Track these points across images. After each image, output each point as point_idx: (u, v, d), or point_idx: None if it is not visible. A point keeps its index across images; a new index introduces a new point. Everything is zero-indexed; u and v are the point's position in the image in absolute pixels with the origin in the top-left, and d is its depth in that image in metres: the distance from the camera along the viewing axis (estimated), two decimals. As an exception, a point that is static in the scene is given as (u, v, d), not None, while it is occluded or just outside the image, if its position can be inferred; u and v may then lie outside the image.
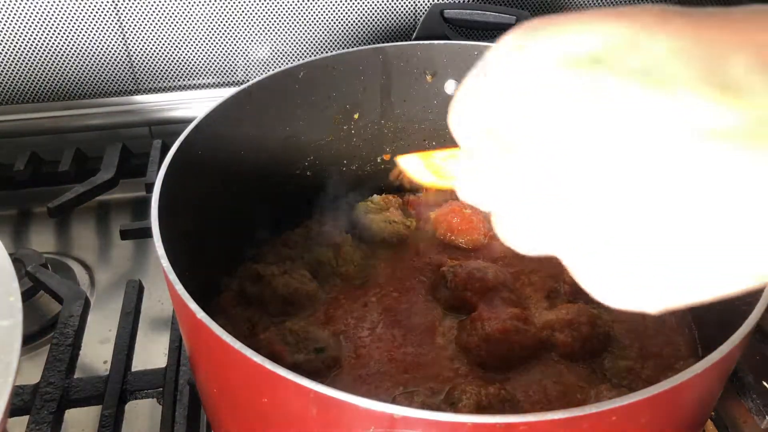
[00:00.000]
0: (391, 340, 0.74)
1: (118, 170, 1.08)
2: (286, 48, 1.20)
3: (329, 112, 0.90)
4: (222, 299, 0.78)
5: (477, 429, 0.44)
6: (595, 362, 0.73)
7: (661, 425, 0.51)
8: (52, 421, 0.71)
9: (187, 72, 1.19)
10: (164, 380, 0.76)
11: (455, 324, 0.77)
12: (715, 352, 0.50)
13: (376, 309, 0.79)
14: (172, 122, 1.18)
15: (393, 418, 0.44)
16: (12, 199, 1.12)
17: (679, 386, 0.47)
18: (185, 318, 0.56)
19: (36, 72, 1.14)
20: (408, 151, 0.97)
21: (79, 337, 0.81)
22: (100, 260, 1.03)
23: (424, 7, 1.19)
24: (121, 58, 1.15)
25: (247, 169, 0.84)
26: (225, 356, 0.52)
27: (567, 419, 0.44)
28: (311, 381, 0.46)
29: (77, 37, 1.12)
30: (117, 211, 1.12)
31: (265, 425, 0.55)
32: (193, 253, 0.71)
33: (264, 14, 1.15)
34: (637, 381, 0.71)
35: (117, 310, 0.85)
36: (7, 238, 1.06)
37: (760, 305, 0.55)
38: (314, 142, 0.91)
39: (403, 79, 0.92)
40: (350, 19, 1.18)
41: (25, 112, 1.16)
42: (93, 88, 1.17)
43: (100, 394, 0.75)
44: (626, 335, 0.76)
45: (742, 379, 0.75)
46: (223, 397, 0.60)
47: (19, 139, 1.16)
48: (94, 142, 1.15)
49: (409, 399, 0.66)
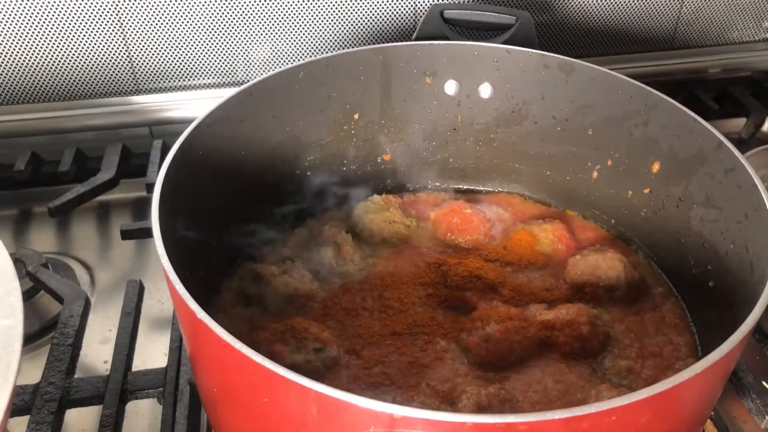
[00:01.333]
0: (390, 340, 0.74)
1: (118, 170, 1.08)
2: (287, 48, 1.20)
3: (329, 112, 0.90)
4: (222, 299, 0.78)
5: (477, 429, 0.44)
6: (594, 362, 0.73)
7: (661, 425, 0.51)
8: (52, 421, 0.71)
9: (187, 72, 1.19)
10: (165, 380, 0.76)
11: (455, 324, 0.77)
12: (715, 352, 0.50)
13: (376, 309, 0.79)
14: (173, 122, 1.18)
15: (393, 418, 0.45)
16: (12, 199, 1.12)
17: (679, 386, 0.47)
18: (186, 318, 0.57)
19: (37, 72, 1.14)
20: (408, 151, 0.97)
21: (79, 337, 0.81)
22: (100, 260, 1.03)
23: (424, 7, 1.19)
24: (121, 59, 1.15)
25: (247, 169, 0.84)
26: (225, 356, 0.52)
27: (567, 419, 0.44)
28: (311, 381, 0.46)
29: (78, 38, 1.12)
30: (117, 211, 1.12)
31: (265, 425, 0.55)
32: (194, 253, 0.72)
33: (264, 14, 1.15)
34: (637, 381, 0.71)
35: (117, 310, 0.85)
36: (7, 238, 1.06)
37: (760, 305, 0.55)
38: (314, 142, 0.91)
39: (403, 79, 0.92)
40: (350, 19, 1.18)
41: (25, 112, 1.16)
42: (93, 89, 1.17)
43: (101, 394, 0.75)
44: (626, 335, 0.76)
45: (742, 379, 0.75)
46: (223, 396, 0.60)
47: (19, 139, 1.16)
48: (94, 142, 1.15)
49: (409, 399, 0.66)
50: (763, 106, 1.25)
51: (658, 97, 0.81)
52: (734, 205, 0.71)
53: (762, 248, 0.65)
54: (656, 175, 0.84)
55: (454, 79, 0.92)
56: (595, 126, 0.89)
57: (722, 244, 0.73)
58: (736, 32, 1.35)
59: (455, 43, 0.91)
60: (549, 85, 0.90)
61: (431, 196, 0.98)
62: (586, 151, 0.91)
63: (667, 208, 0.83)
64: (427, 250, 0.88)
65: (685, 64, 1.33)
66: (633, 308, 0.80)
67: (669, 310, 0.80)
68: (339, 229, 0.87)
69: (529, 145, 0.95)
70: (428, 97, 0.94)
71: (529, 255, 0.86)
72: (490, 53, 0.90)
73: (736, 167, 0.71)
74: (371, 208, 0.91)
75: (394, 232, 0.88)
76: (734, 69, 1.35)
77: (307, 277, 0.80)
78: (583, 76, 0.87)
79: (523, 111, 0.93)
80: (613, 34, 1.29)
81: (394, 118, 0.94)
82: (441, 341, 0.75)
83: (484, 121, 0.95)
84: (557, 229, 0.88)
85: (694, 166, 0.78)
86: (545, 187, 0.97)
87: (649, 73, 1.31)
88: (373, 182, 0.97)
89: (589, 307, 0.76)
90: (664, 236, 0.84)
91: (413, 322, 0.77)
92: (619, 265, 0.80)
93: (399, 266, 0.85)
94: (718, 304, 0.72)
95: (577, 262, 0.82)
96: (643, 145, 0.84)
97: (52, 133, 1.17)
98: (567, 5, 1.25)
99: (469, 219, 0.89)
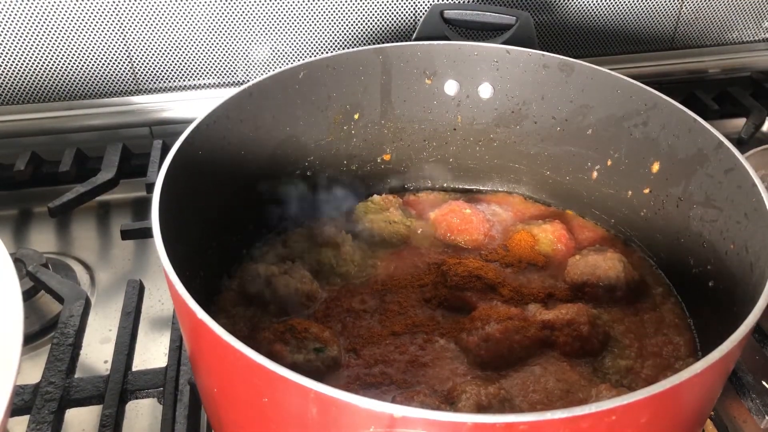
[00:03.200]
0: (390, 340, 0.75)
1: (118, 170, 1.08)
2: (287, 48, 1.20)
3: (329, 112, 0.90)
4: (222, 299, 0.78)
5: (477, 429, 0.44)
6: (594, 362, 0.73)
7: (661, 425, 0.51)
8: (52, 420, 0.71)
9: (187, 72, 1.19)
10: (165, 380, 0.76)
11: (455, 324, 0.77)
12: (715, 352, 0.50)
13: (376, 309, 0.79)
14: (173, 122, 1.18)
15: (393, 417, 0.45)
16: (12, 199, 1.12)
17: (679, 386, 0.47)
18: (186, 318, 0.57)
19: (37, 72, 1.14)
20: (408, 151, 0.97)
21: (79, 337, 0.81)
22: (100, 260, 1.03)
23: (424, 7, 1.19)
24: (121, 59, 1.15)
25: (247, 170, 0.84)
26: (225, 356, 0.52)
27: (567, 419, 0.45)
28: (311, 381, 0.46)
29: (78, 38, 1.12)
30: (117, 211, 1.12)
31: (265, 425, 0.55)
32: (194, 253, 0.72)
33: (264, 15, 1.15)
34: (637, 380, 0.71)
35: (117, 310, 0.85)
36: (7, 238, 1.06)
37: (760, 305, 0.55)
38: (314, 142, 0.91)
39: (403, 80, 0.92)
40: (351, 19, 1.18)
41: (25, 112, 1.16)
42: (94, 89, 1.17)
43: (101, 394, 0.75)
44: (626, 335, 0.76)
45: (742, 379, 0.75)
46: (224, 396, 0.60)
47: (19, 139, 1.16)
48: (94, 143, 1.15)
49: (409, 399, 0.66)
50: (762, 106, 1.25)
51: (658, 97, 0.81)
52: (734, 205, 0.71)
53: (762, 248, 0.65)
54: (656, 175, 0.84)
55: (454, 79, 0.92)
56: (594, 126, 0.89)
57: (722, 244, 0.73)
58: (736, 32, 1.35)
59: (455, 43, 0.91)
60: (549, 85, 0.90)
61: (431, 196, 0.98)
62: (585, 151, 0.91)
63: (666, 208, 0.83)
64: (426, 250, 0.88)
65: (685, 64, 1.33)
66: (633, 308, 0.80)
67: (669, 310, 0.80)
68: (339, 229, 0.87)
69: (529, 145, 0.95)
70: (428, 97, 0.94)
71: (529, 255, 0.86)
72: (490, 53, 0.90)
73: (736, 167, 0.71)
74: (371, 208, 0.91)
75: (394, 232, 0.89)
76: (734, 69, 1.36)
77: (307, 277, 0.80)
78: (583, 77, 0.87)
79: (523, 111, 0.93)
80: (613, 34, 1.29)
81: (394, 118, 0.94)
82: (441, 341, 0.75)
83: (484, 121, 0.95)
84: (557, 229, 0.88)
85: (694, 166, 0.78)
86: (545, 187, 0.97)
87: (649, 73, 1.31)
88: (373, 182, 0.97)
89: (588, 307, 0.76)
90: (664, 236, 0.84)
91: (413, 321, 0.77)
92: (618, 265, 0.80)
93: (399, 266, 0.85)
94: (718, 304, 0.72)
95: (576, 262, 0.82)
96: (642, 145, 0.84)
97: (52, 133, 1.17)
98: (567, 5, 1.25)
99: (469, 219, 0.89)
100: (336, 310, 0.78)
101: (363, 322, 0.77)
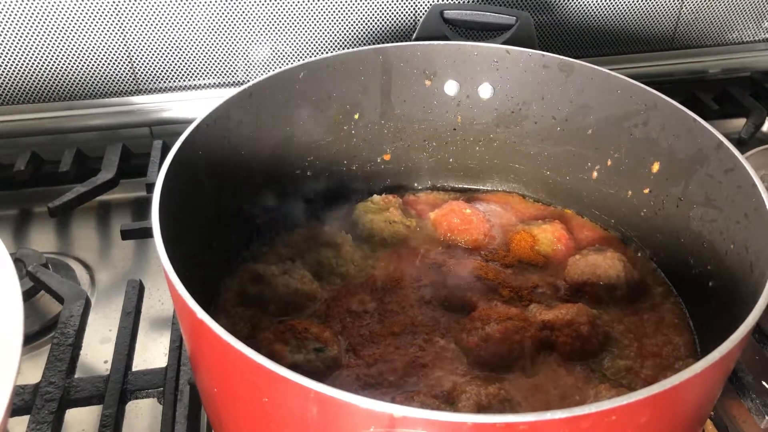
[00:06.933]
0: (390, 340, 0.75)
1: (118, 170, 1.08)
2: (287, 48, 1.20)
3: (329, 112, 0.90)
4: (222, 299, 0.78)
5: (477, 429, 0.44)
6: (594, 362, 0.73)
7: (661, 425, 0.51)
8: (52, 420, 0.71)
9: (187, 72, 1.19)
10: (165, 380, 0.76)
11: (455, 324, 0.77)
12: (715, 352, 0.50)
13: (376, 309, 0.79)
14: (173, 122, 1.18)
15: (393, 417, 0.45)
16: (12, 199, 1.12)
17: (678, 386, 0.47)
18: (186, 318, 0.57)
19: (37, 72, 1.14)
20: (408, 151, 0.97)
21: (79, 337, 0.81)
22: (100, 260, 1.03)
23: (424, 7, 1.19)
24: (121, 59, 1.15)
25: (247, 169, 0.84)
26: (225, 356, 0.52)
27: (567, 419, 0.44)
28: (311, 381, 0.46)
29: (78, 38, 1.12)
30: (117, 211, 1.12)
31: (265, 425, 0.55)
32: (194, 253, 0.72)
33: (264, 15, 1.15)
34: (637, 381, 0.71)
35: (117, 310, 0.85)
36: (7, 237, 1.06)
37: (760, 305, 0.55)
38: (314, 142, 0.91)
39: (403, 80, 0.92)
40: (351, 19, 1.19)
41: (25, 112, 1.16)
42: (94, 89, 1.17)
43: (101, 394, 0.75)
44: (625, 335, 0.76)
45: (742, 379, 0.75)
46: (224, 396, 0.60)
47: (19, 139, 1.16)
48: (94, 143, 1.15)
49: (409, 399, 0.66)
50: (762, 107, 1.25)
51: (658, 98, 0.81)
52: (734, 205, 0.71)
53: (762, 248, 0.65)
54: (656, 175, 0.84)
55: (454, 79, 0.92)
56: (594, 126, 0.89)
57: (722, 244, 0.73)
58: (736, 32, 1.35)
59: (455, 44, 0.91)
60: (549, 86, 0.90)
61: (431, 196, 0.98)
62: (585, 151, 0.91)
63: (666, 208, 0.83)
64: (426, 251, 0.88)
65: (685, 65, 1.33)
66: (632, 308, 0.80)
67: (669, 310, 0.80)
68: (339, 229, 0.87)
69: (528, 145, 0.95)
70: (428, 98, 0.94)
71: (529, 255, 0.86)
72: (490, 53, 0.90)
73: (736, 167, 0.71)
74: (371, 208, 0.91)
75: (394, 232, 0.88)
76: (734, 69, 1.36)
77: (308, 277, 0.80)
78: (583, 77, 0.87)
79: (522, 111, 0.93)
80: (613, 34, 1.29)
81: (394, 118, 0.94)
82: (441, 341, 0.75)
83: (484, 121, 0.95)
84: (557, 229, 0.88)
85: (694, 166, 0.78)
86: (545, 187, 0.97)
87: (649, 73, 1.31)
88: (373, 182, 0.97)
89: (588, 307, 0.76)
90: (664, 236, 0.84)
91: (413, 322, 0.77)
92: (618, 264, 0.80)
93: (399, 266, 0.85)
94: (718, 304, 0.72)
95: (576, 262, 0.82)
96: (642, 145, 0.84)
97: (52, 133, 1.17)
98: (567, 5, 1.25)
99: (469, 219, 0.89)
100: (336, 310, 0.78)
101: (363, 322, 0.77)
